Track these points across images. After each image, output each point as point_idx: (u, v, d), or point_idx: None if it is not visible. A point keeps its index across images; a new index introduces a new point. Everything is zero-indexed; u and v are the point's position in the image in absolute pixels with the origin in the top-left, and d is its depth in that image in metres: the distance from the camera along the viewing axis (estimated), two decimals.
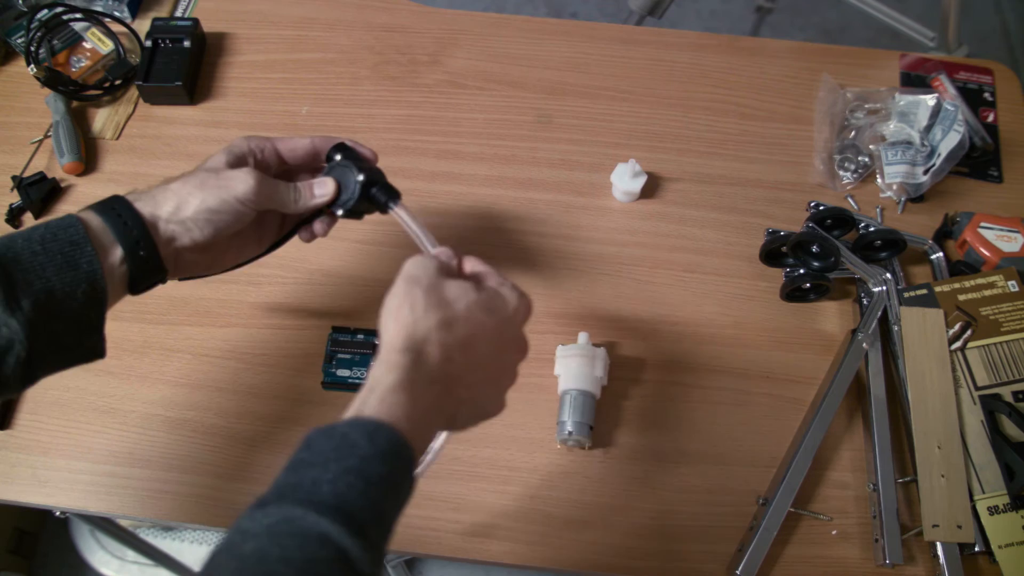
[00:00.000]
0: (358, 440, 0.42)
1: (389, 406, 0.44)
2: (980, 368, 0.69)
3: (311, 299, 0.75)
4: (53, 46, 0.87)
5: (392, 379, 0.45)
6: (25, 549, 1.32)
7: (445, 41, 0.91)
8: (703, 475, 0.68)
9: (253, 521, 0.40)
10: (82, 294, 0.49)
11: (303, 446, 0.44)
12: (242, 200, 0.55)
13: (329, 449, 0.42)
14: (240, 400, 0.71)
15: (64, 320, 0.49)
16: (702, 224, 0.81)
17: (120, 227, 0.51)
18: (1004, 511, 0.64)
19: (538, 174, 0.83)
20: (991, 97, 0.89)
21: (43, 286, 0.48)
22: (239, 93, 0.88)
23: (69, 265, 0.49)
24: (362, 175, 0.58)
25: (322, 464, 0.41)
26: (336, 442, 0.42)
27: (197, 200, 0.54)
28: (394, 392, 0.45)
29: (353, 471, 0.41)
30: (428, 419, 0.47)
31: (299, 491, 0.41)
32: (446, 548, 0.66)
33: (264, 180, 0.56)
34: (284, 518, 0.39)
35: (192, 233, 0.54)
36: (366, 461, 0.42)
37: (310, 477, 0.41)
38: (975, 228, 0.76)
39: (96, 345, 0.52)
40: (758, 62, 0.91)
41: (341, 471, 0.41)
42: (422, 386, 0.46)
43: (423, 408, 0.46)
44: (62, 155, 0.81)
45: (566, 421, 0.67)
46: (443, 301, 0.48)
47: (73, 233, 0.49)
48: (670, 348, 0.74)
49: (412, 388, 0.45)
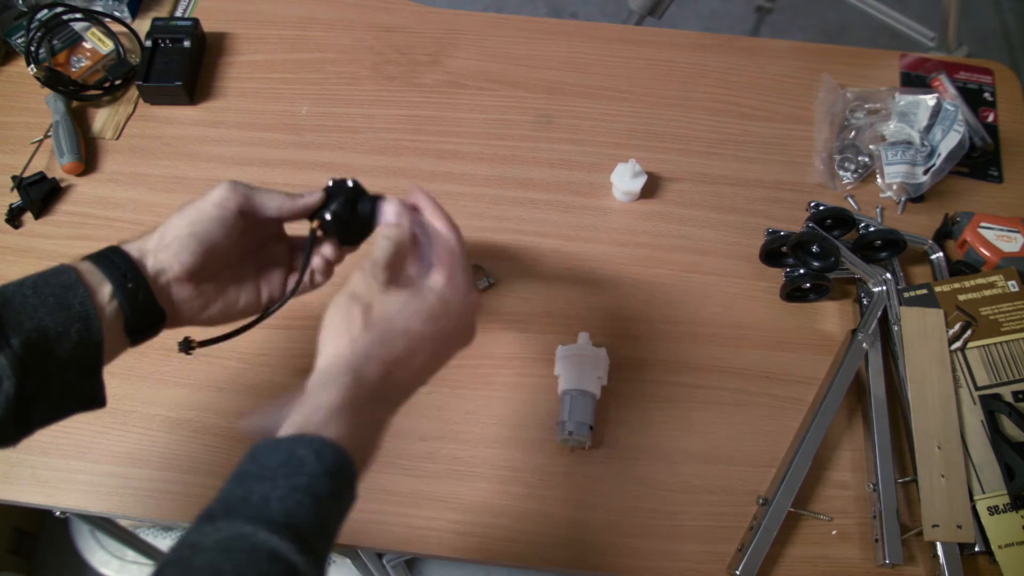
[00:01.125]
0: (305, 457, 0.43)
1: (334, 425, 0.45)
2: (980, 368, 0.69)
3: (311, 299, 0.75)
4: (53, 46, 0.87)
5: (334, 399, 0.46)
6: (25, 549, 1.32)
7: (445, 41, 0.91)
8: (703, 475, 0.68)
9: (203, 535, 0.40)
10: (76, 333, 0.49)
11: (248, 458, 0.44)
12: (216, 203, 0.54)
13: (276, 464, 0.43)
14: (240, 400, 0.71)
15: (58, 360, 0.48)
16: (702, 224, 0.81)
17: (107, 264, 0.51)
18: (1004, 511, 0.64)
19: (538, 174, 0.83)
20: (991, 97, 0.89)
21: (35, 325, 0.47)
22: (239, 93, 0.88)
23: (61, 306, 0.49)
24: (351, 182, 0.59)
25: (271, 479, 0.42)
26: (283, 457, 0.43)
27: (177, 219, 0.54)
28: (338, 412, 0.45)
29: (301, 488, 0.42)
30: (370, 433, 0.48)
31: (248, 506, 0.41)
32: (446, 548, 0.66)
33: (238, 183, 0.56)
34: (235, 534, 0.40)
35: (180, 256, 0.53)
36: (314, 479, 0.42)
37: (259, 492, 0.42)
38: (975, 228, 0.76)
39: (95, 391, 0.51)
40: (758, 62, 0.91)
41: (290, 488, 0.42)
42: (364, 404, 0.47)
43: (365, 424, 0.47)
44: (62, 155, 0.81)
45: (566, 421, 0.67)
46: (381, 318, 0.49)
47: (65, 278, 0.50)
48: (670, 348, 0.74)
49: (354, 406, 0.46)
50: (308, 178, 0.82)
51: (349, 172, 0.82)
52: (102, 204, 0.81)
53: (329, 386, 0.46)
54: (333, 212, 0.58)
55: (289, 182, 0.82)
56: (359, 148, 0.84)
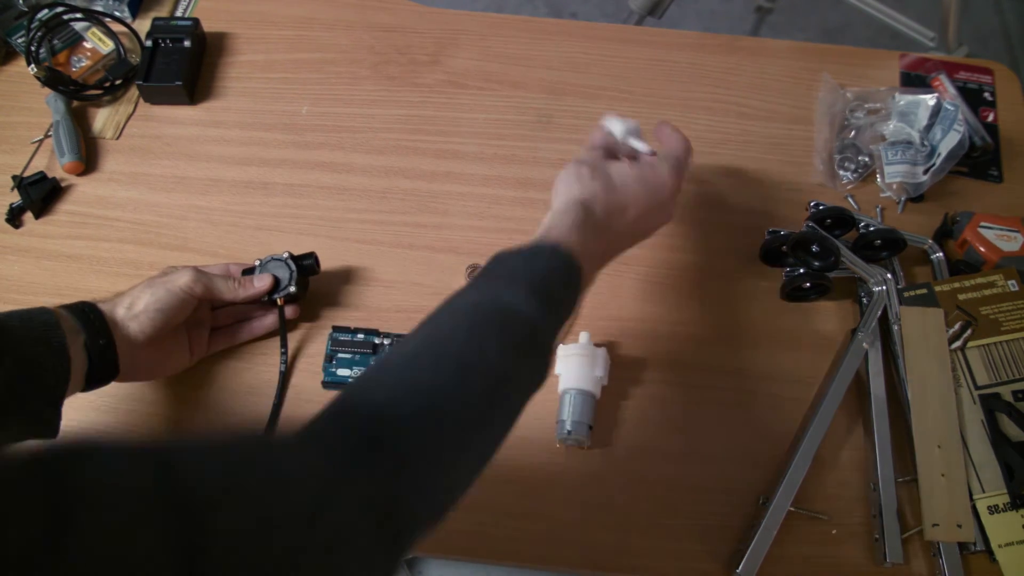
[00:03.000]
0: (543, 250, 0.53)
1: (567, 239, 0.54)
2: (980, 368, 0.69)
3: (311, 299, 0.75)
4: (53, 46, 0.87)
5: (569, 220, 0.56)
6: None
7: (445, 41, 0.91)
8: (703, 475, 0.68)
9: (458, 294, 0.50)
10: (52, 368, 0.55)
11: (493, 261, 0.53)
12: (184, 288, 0.65)
13: (518, 261, 0.52)
14: (240, 400, 0.71)
15: (36, 388, 0.54)
16: (702, 224, 0.81)
17: (84, 319, 0.59)
18: (1004, 510, 0.64)
19: (538, 174, 0.83)
20: (991, 97, 0.89)
21: (22, 352, 0.53)
22: (239, 93, 0.88)
23: (43, 341, 0.55)
24: (285, 254, 0.71)
25: (511, 269, 0.52)
26: (526, 255, 0.53)
27: (147, 295, 0.64)
28: (569, 231, 0.55)
29: (540, 272, 0.51)
30: (592, 257, 0.57)
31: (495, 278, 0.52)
32: (446, 548, 0.66)
33: (200, 271, 0.67)
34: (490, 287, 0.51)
35: (144, 328, 0.62)
36: (551, 271, 0.52)
37: (504, 269, 0.52)
38: (975, 228, 0.76)
39: (53, 420, 0.56)
40: (758, 62, 0.91)
41: (529, 271, 0.51)
42: (589, 232, 0.56)
43: (590, 248, 0.56)
44: (62, 155, 0.81)
45: (566, 421, 0.67)
46: (605, 175, 0.60)
47: (47, 318, 0.56)
48: (670, 348, 0.74)
49: (582, 230, 0.56)
50: (308, 178, 0.82)
51: (349, 172, 0.82)
52: (102, 204, 0.81)
53: (564, 214, 0.57)
54: (297, 284, 0.70)
55: (289, 182, 0.82)
56: (359, 148, 0.84)
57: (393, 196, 0.82)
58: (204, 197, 0.81)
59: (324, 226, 0.80)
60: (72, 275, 0.77)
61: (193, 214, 0.80)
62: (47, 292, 0.76)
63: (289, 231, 0.79)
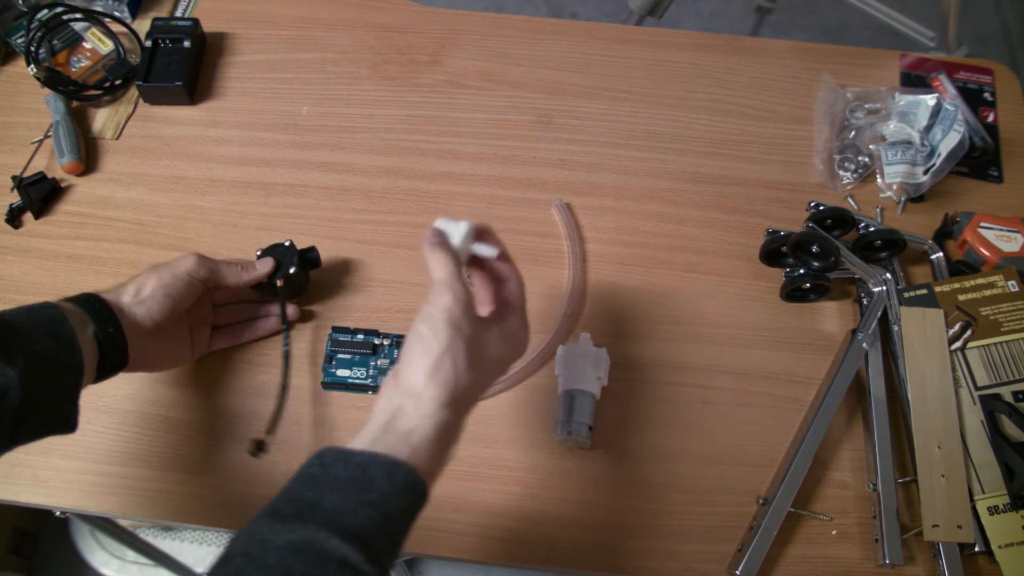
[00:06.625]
0: (377, 477, 0.45)
1: (420, 453, 0.47)
2: (980, 368, 0.69)
3: (311, 299, 0.75)
4: (53, 46, 0.87)
5: (430, 430, 0.48)
6: (25, 549, 1.32)
7: (445, 41, 0.91)
8: (703, 475, 0.68)
9: (273, 533, 0.42)
10: (64, 361, 0.54)
11: (317, 463, 0.46)
12: (189, 271, 0.64)
13: (347, 477, 0.45)
14: (240, 400, 0.71)
15: (51, 384, 0.53)
16: (702, 224, 0.81)
17: (90, 309, 0.58)
18: (1004, 511, 0.64)
19: (538, 174, 0.83)
20: (991, 97, 0.89)
21: (33, 348, 0.52)
22: (239, 93, 0.88)
23: (52, 335, 0.54)
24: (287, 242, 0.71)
25: (342, 491, 0.44)
26: (353, 473, 0.45)
27: (153, 280, 0.63)
28: (429, 442, 0.47)
29: (372, 504, 0.44)
30: (446, 451, 0.50)
31: (320, 513, 0.43)
32: (446, 548, 0.66)
33: (204, 257, 0.66)
34: (307, 538, 0.42)
35: (152, 313, 0.62)
36: (385, 496, 0.44)
37: (330, 502, 0.43)
38: (975, 228, 0.76)
39: (71, 415, 0.56)
40: (758, 62, 0.91)
41: (360, 503, 0.43)
42: (451, 432, 0.49)
43: (445, 447, 0.49)
44: (62, 155, 0.81)
45: (566, 421, 0.67)
46: (480, 356, 0.51)
47: (53, 312, 0.55)
48: (670, 348, 0.74)
49: (443, 438, 0.48)
50: (308, 178, 0.82)
51: (349, 172, 0.82)
52: (102, 204, 0.81)
53: (425, 415, 0.48)
54: (298, 267, 0.70)
55: (289, 182, 0.82)
56: (359, 148, 0.84)
57: (393, 196, 0.82)
58: (204, 197, 0.81)
59: (324, 226, 0.79)
60: (72, 275, 0.77)
61: (193, 214, 0.80)
62: (47, 292, 0.76)
63: (289, 231, 0.79)
